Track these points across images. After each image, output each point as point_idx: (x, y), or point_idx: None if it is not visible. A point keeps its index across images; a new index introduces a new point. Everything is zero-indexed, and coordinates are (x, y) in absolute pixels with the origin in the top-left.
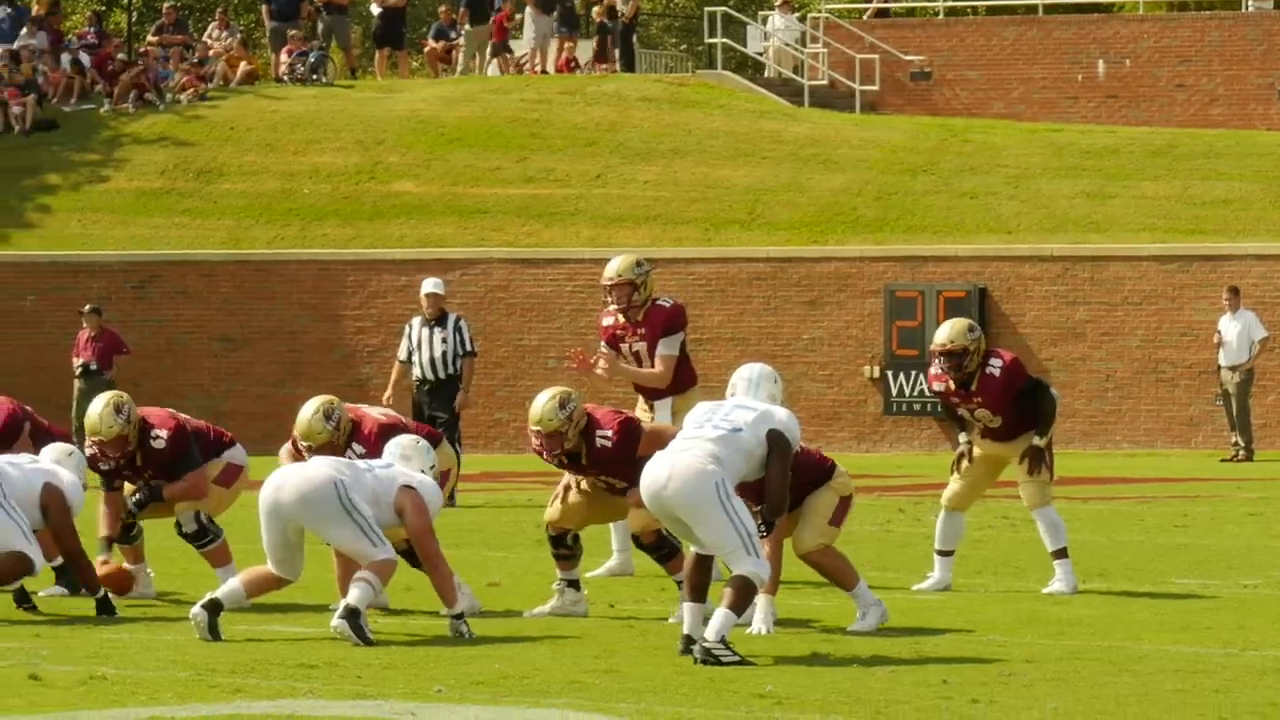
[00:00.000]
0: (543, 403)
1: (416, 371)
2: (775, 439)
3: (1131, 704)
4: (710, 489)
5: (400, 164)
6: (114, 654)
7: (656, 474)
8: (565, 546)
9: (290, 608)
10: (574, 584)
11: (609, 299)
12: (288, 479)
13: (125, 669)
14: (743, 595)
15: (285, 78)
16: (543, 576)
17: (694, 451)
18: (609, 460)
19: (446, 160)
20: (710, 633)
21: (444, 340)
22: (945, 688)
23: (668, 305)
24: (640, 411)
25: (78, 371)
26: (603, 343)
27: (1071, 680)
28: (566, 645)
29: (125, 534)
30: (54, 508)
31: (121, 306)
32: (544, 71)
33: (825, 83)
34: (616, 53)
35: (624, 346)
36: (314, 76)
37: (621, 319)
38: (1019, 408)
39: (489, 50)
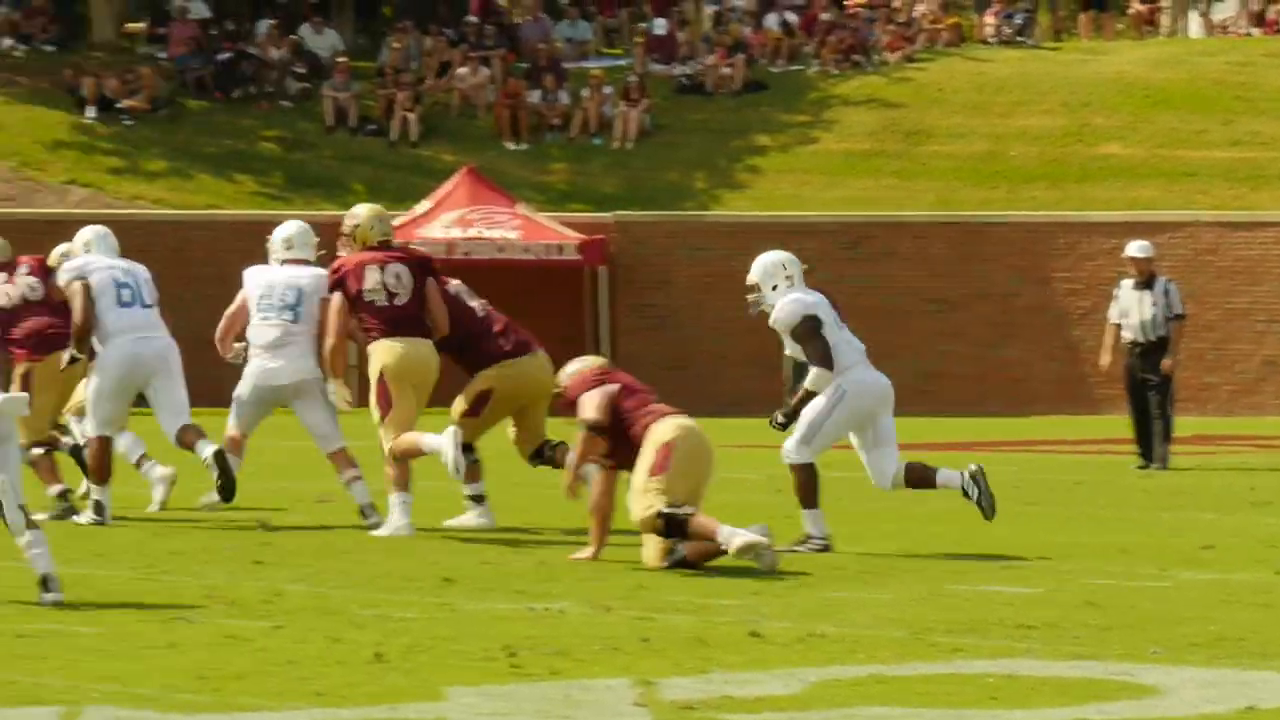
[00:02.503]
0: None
1: (1128, 334)
2: None
3: None
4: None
5: (1107, 126)
6: (832, 612)
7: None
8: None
9: (1012, 567)
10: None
11: None
12: None
13: (843, 627)
14: None
15: (991, 39)
16: (1260, 541)
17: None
18: None
19: (1153, 123)
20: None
21: (1154, 303)
22: None
23: None
24: None
25: None
26: None
27: None
28: None
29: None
30: None
31: (833, 267)
32: (1248, 34)
33: None
34: None
35: None
36: (1020, 38)
37: None
38: None
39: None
